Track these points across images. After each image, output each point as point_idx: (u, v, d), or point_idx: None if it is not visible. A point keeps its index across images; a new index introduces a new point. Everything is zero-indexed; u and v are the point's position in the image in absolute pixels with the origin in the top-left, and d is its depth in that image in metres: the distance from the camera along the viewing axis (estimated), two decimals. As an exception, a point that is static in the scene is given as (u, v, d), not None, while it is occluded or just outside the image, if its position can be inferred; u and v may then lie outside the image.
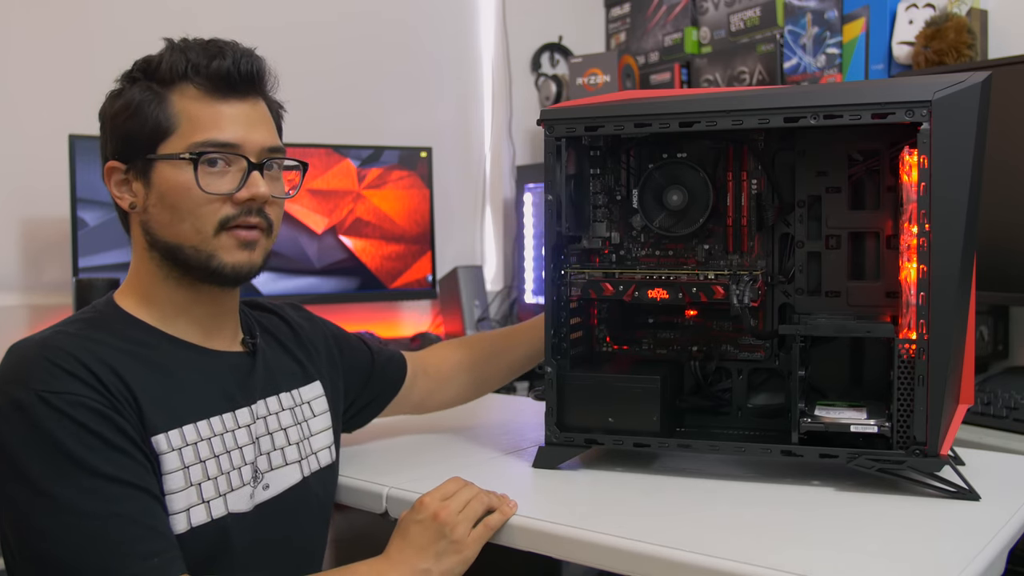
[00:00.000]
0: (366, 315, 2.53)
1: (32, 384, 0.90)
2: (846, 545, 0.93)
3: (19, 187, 2.02)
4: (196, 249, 1.01)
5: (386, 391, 1.34)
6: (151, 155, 1.01)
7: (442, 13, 2.79)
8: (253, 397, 1.08)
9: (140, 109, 1.01)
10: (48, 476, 0.87)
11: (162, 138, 1.01)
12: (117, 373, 0.94)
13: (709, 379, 1.33)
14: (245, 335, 1.13)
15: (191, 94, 1.01)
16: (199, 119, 1.01)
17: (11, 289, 2.02)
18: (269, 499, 1.06)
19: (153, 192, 1.02)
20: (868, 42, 2.14)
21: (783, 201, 1.27)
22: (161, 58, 1.02)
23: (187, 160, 1.00)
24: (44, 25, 2.06)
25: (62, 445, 0.88)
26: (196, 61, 1.01)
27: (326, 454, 1.17)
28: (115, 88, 1.05)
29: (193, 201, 1.01)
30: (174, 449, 0.96)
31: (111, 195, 1.05)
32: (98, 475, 0.88)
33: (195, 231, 1.01)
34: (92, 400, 0.91)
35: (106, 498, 0.88)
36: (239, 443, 1.04)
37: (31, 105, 2.02)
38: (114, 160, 1.04)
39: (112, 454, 0.90)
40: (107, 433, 0.90)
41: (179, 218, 1.01)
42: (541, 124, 1.22)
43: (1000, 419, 1.48)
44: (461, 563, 1.00)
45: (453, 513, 1.01)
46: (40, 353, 0.93)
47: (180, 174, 1.00)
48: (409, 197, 2.46)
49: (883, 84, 1.14)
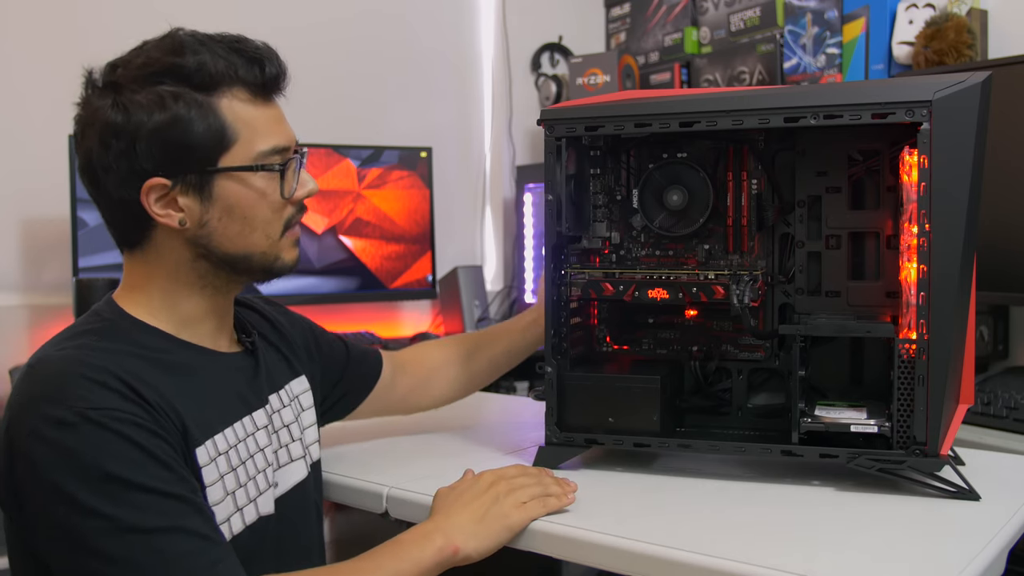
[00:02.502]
0: (366, 315, 2.53)
1: (71, 402, 0.86)
2: (846, 545, 0.93)
3: (19, 187, 2.02)
4: (264, 254, 1.02)
5: (360, 386, 1.33)
6: (211, 168, 0.96)
7: (442, 13, 2.79)
8: (263, 397, 1.08)
9: (188, 122, 0.95)
10: (100, 496, 0.85)
11: (223, 150, 0.97)
12: (154, 387, 0.92)
13: (709, 379, 1.33)
14: (240, 334, 1.12)
15: (241, 98, 0.98)
16: (256, 125, 0.98)
17: (11, 289, 2.02)
18: (280, 496, 1.06)
19: (216, 205, 0.98)
20: (868, 42, 2.14)
21: (783, 201, 1.27)
22: (193, 62, 0.95)
23: (274, 171, 1.00)
24: (44, 25, 2.06)
25: (109, 464, 0.85)
26: (238, 63, 0.97)
27: (316, 448, 1.18)
28: (143, 98, 0.95)
29: (270, 208, 1.01)
30: (212, 460, 0.96)
31: (148, 213, 0.97)
32: (150, 491, 0.86)
33: (266, 237, 1.02)
34: (136, 416, 0.88)
35: (162, 513, 0.86)
36: (260, 446, 1.04)
37: (31, 105, 2.02)
38: (157, 177, 0.96)
39: (160, 470, 0.88)
40: (153, 448, 0.88)
41: (251, 228, 1.00)
42: (541, 124, 1.22)
43: (1000, 419, 1.48)
44: (506, 530, 1.00)
45: (509, 483, 1.03)
46: (74, 369, 0.89)
47: (250, 184, 0.99)
48: (409, 197, 2.46)
49: (883, 84, 1.14)
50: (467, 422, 1.52)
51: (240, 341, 1.11)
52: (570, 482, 1.07)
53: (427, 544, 0.96)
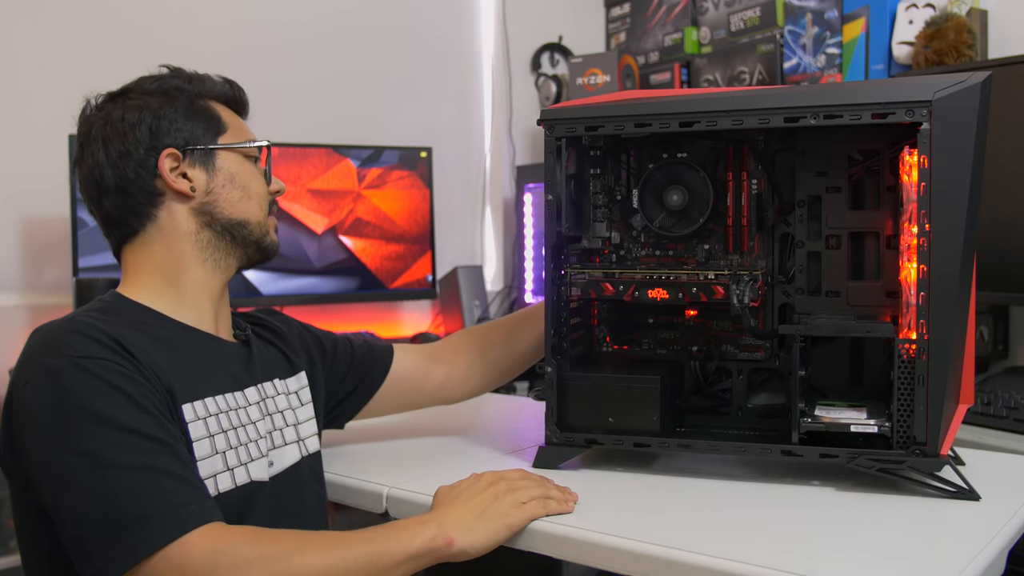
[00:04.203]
0: (366, 315, 2.53)
1: (64, 351, 0.95)
2: (846, 545, 0.93)
3: (19, 187, 2.02)
4: (259, 224, 1.16)
5: (369, 380, 1.34)
6: (212, 145, 1.13)
7: (442, 13, 2.79)
8: (256, 379, 1.14)
9: (199, 107, 1.14)
10: (82, 434, 0.91)
11: (221, 131, 1.14)
12: (143, 350, 0.99)
13: (709, 379, 1.33)
14: (235, 329, 1.20)
15: (224, 105, 1.18)
16: (239, 126, 1.18)
17: (11, 289, 2.02)
18: (277, 474, 1.10)
19: (219, 175, 1.13)
20: (868, 42, 2.14)
21: (783, 201, 1.27)
22: (189, 75, 1.16)
23: (248, 152, 1.17)
24: (44, 25, 2.06)
25: (95, 404, 0.92)
26: (216, 83, 1.17)
27: (314, 441, 1.20)
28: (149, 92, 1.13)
29: (259, 183, 1.17)
30: (200, 419, 1.02)
31: (163, 185, 1.10)
32: (130, 431, 0.92)
33: (259, 208, 1.16)
34: (122, 365, 0.96)
35: (139, 451, 0.92)
36: (252, 418, 1.09)
37: (31, 105, 2.02)
38: (173, 148, 1.11)
39: (142, 414, 0.94)
40: (136, 395, 0.95)
41: (248, 196, 1.15)
42: (541, 124, 1.22)
43: (1000, 419, 1.48)
44: (504, 528, 1.00)
45: (510, 484, 1.04)
46: (68, 327, 0.98)
47: (245, 161, 1.16)
48: (409, 197, 2.46)
49: (883, 84, 1.14)
50: (467, 422, 1.52)
51: (236, 336, 1.19)
52: (573, 492, 1.07)
53: (420, 531, 0.97)
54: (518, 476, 1.07)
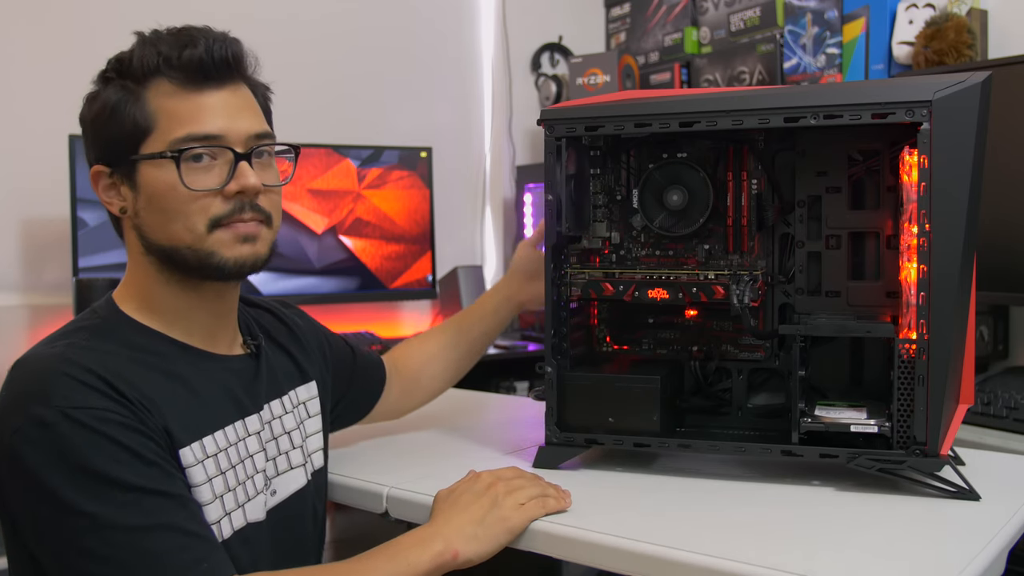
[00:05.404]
0: (366, 315, 2.53)
1: (54, 401, 0.86)
2: (846, 545, 0.93)
3: (19, 187, 2.02)
4: (192, 249, 0.98)
5: (369, 391, 1.33)
6: (133, 156, 0.97)
7: (442, 13, 2.79)
8: (259, 403, 1.07)
9: (117, 110, 0.97)
10: (83, 494, 0.85)
11: (142, 138, 0.97)
12: (137, 387, 0.92)
13: (709, 379, 1.32)
14: (245, 336, 1.11)
15: (166, 89, 0.97)
16: (177, 114, 0.96)
17: (11, 289, 2.02)
18: (277, 504, 1.06)
19: (141, 195, 0.98)
20: (868, 42, 2.14)
21: (783, 201, 1.27)
22: (132, 54, 0.98)
23: (169, 158, 0.96)
24: (44, 25, 2.06)
25: (93, 462, 0.85)
26: (167, 53, 0.97)
27: (319, 456, 1.17)
28: (91, 90, 1.01)
29: (180, 200, 0.96)
30: (199, 462, 0.95)
31: (100, 200, 1.02)
32: (133, 488, 0.86)
33: (187, 231, 0.97)
34: (118, 414, 0.88)
35: (146, 510, 0.86)
36: (250, 451, 1.03)
37: (31, 105, 2.02)
38: (99, 164, 1.00)
39: (143, 467, 0.88)
40: (136, 446, 0.88)
41: (169, 219, 0.97)
42: (541, 124, 1.22)
43: (1000, 419, 1.48)
44: (507, 532, 0.99)
45: (507, 485, 1.03)
46: (57, 367, 0.89)
47: (164, 174, 0.96)
48: (409, 197, 2.46)
49: (883, 84, 1.14)
50: (467, 422, 1.52)
51: (245, 343, 1.10)
52: (565, 489, 1.07)
53: (425, 548, 0.96)
54: (513, 475, 1.07)
